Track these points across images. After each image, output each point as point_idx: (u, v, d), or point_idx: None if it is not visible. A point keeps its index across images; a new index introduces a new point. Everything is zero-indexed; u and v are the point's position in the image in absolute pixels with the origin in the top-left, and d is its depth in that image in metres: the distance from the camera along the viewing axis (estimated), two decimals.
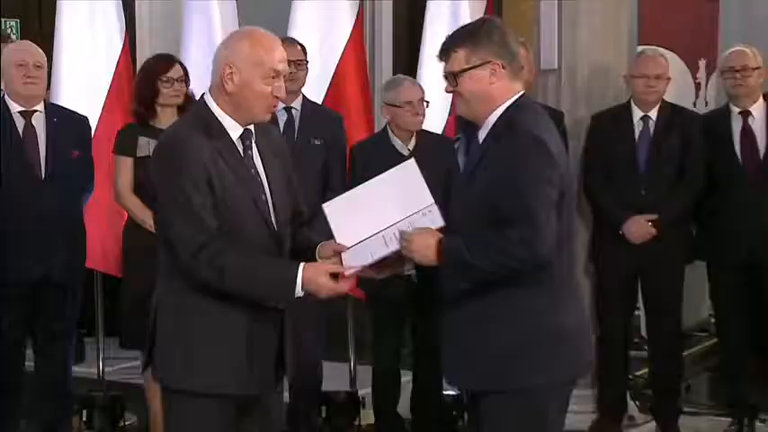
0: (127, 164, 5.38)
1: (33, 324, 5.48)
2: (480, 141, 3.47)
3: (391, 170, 3.47)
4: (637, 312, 6.37)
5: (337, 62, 6.31)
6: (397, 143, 5.57)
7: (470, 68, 3.41)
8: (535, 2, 6.27)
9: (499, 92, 3.44)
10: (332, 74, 6.30)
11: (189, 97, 5.35)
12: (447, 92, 3.47)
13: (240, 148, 3.49)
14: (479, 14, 6.17)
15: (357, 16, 6.39)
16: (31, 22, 8.21)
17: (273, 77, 3.41)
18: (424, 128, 5.63)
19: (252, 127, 3.53)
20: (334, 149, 5.58)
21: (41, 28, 7.89)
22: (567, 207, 3.42)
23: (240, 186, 3.43)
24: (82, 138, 5.55)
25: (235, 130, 3.48)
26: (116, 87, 6.21)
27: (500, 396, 3.38)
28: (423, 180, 3.42)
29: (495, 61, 3.42)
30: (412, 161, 3.47)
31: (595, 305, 5.94)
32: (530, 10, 6.33)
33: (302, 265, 3.37)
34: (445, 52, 3.45)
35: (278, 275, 3.38)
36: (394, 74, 6.71)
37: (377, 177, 3.47)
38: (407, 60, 7.32)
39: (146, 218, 5.08)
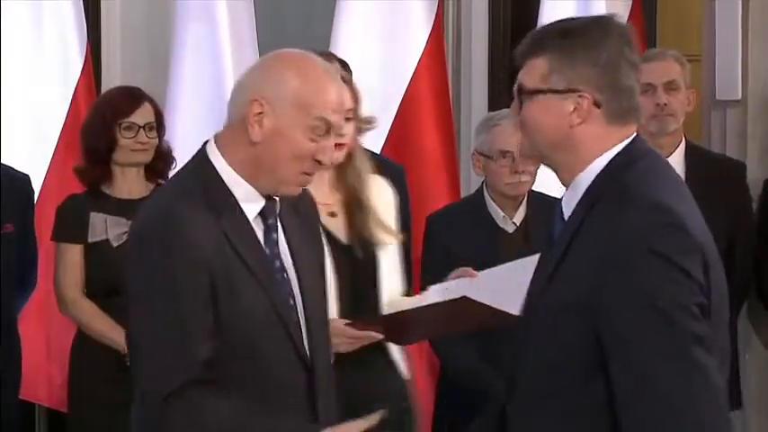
0: (73, 254, 4.73)
1: None
2: (564, 215, 2.90)
3: (509, 264, 3.46)
4: None
5: (405, 88, 5.53)
6: (497, 213, 4.63)
7: (544, 91, 2.82)
8: None
9: (585, 138, 2.83)
10: (396, 107, 5.51)
11: (163, 153, 4.80)
12: (513, 114, 3.04)
13: (260, 231, 3.07)
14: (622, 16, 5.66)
15: (435, 19, 5.60)
16: None
17: (321, 134, 2.98)
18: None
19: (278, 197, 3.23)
20: None
21: None
22: (717, 329, 2.71)
23: (257, 290, 3.01)
24: (19, 204, 4.94)
25: (251, 203, 3.04)
26: (71, 128, 5.31)
27: None
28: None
29: (585, 93, 2.80)
30: (533, 259, 3.08)
31: None
32: (697, 10, 5.62)
33: (328, 429, 2.95)
34: (526, 53, 2.90)
35: None
36: (490, 105, 6.13)
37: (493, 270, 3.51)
38: (509, 84, 6.62)
39: (104, 331, 4.58)
